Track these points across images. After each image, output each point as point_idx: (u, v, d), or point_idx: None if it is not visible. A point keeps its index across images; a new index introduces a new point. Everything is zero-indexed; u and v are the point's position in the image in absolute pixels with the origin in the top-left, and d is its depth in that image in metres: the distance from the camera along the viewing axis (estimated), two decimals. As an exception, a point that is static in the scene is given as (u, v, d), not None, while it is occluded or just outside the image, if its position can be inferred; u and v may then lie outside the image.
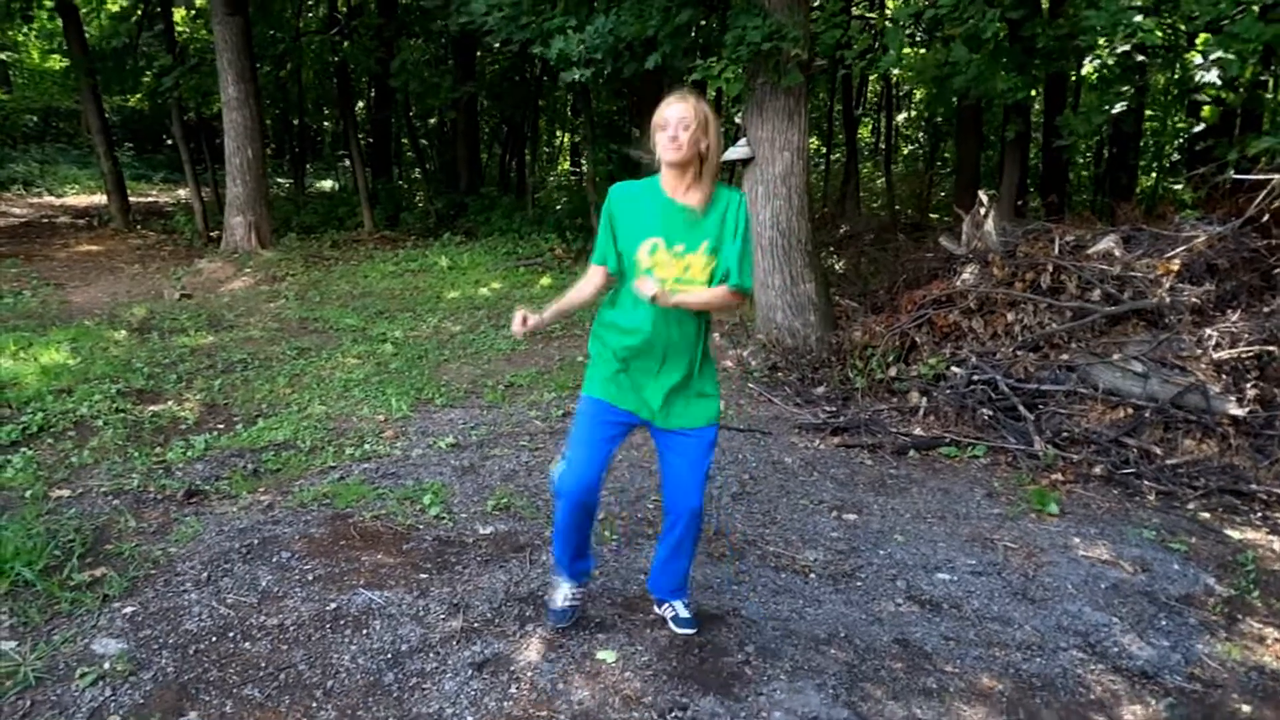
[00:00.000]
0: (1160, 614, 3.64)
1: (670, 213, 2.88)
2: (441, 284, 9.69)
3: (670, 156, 2.80)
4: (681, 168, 2.84)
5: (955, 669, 3.13)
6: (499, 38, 8.12)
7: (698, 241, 2.86)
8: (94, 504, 4.24)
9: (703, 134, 2.82)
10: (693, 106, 2.81)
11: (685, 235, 2.86)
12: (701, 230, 2.87)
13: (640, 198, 2.95)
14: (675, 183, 2.88)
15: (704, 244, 2.86)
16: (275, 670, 2.93)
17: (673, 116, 2.79)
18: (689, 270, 2.86)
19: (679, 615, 3.24)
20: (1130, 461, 5.26)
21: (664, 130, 2.80)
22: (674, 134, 2.78)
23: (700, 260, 2.86)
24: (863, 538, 4.20)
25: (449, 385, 6.36)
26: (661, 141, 2.81)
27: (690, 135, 2.79)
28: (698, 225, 2.87)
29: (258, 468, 4.77)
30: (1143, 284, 6.12)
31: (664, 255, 2.86)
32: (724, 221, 2.88)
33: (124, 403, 5.74)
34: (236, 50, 11.05)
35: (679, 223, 2.87)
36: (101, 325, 7.91)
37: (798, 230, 7.10)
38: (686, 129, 2.79)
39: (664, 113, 2.81)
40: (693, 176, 2.87)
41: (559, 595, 3.26)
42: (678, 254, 2.86)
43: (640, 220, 2.91)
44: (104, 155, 13.70)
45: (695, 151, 2.82)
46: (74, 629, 3.14)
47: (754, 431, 5.62)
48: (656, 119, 2.83)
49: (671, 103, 2.82)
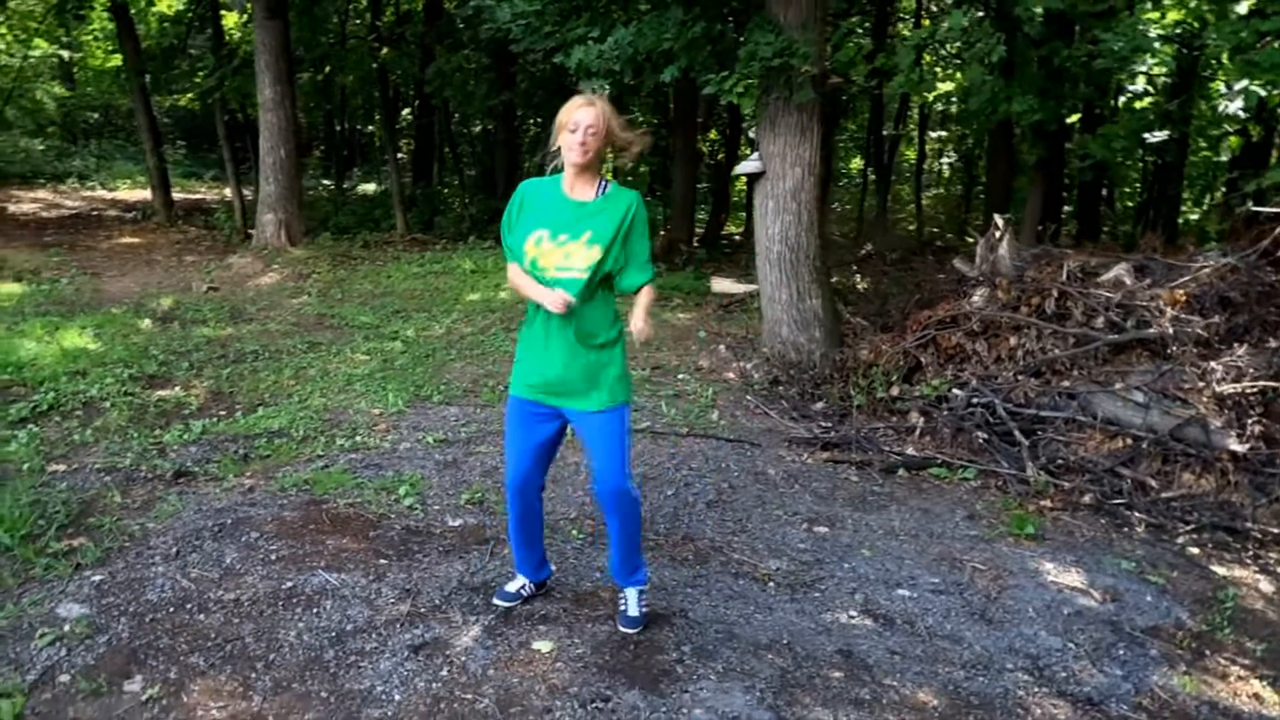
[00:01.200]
0: (1120, 643, 3.60)
1: (562, 207, 3.01)
2: (462, 286, 9.83)
3: (576, 159, 2.92)
4: (585, 170, 2.97)
5: (894, 682, 3.13)
6: (522, 46, 8.24)
7: (580, 231, 2.97)
8: (86, 479, 4.39)
9: (606, 138, 2.94)
10: (600, 112, 2.90)
11: (570, 226, 2.98)
12: (587, 222, 2.98)
13: (541, 194, 3.07)
14: (574, 181, 3.01)
15: (586, 234, 2.96)
16: (223, 641, 3.02)
17: (582, 121, 2.89)
18: (569, 258, 2.97)
19: (626, 611, 3.31)
20: (1123, 492, 5.19)
21: (573, 133, 2.90)
22: (582, 139, 2.89)
23: (579, 249, 2.96)
24: (829, 550, 4.21)
25: (449, 384, 6.46)
26: (568, 143, 2.92)
27: (596, 141, 2.90)
28: (584, 217, 2.98)
29: (248, 453, 4.90)
30: (1149, 313, 6.05)
31: (547, 245, 2.97)
32: (607, 215, 2.99)
33: (134, 386, 5.92)
34: (275, 53, 11.34)
35: (567, 215, 2.99)
36: (127, 313, 8.15)
37: (805, 246, 7.11)
38: (594, 135, 2.89)
39: (574, 115, 2.90)
40: (589, 177, 3.01)
41: (513, 583, 3.42)
42: (560, 243, 2.96)
43: (535, 214, 3.03)
44: (150, 152, 14.12)
45: (597, 156, 2.96)
46: (43, 593, 3.27)
47: (742, 442, 5.64)
48: (564, 118, 2.92)
49: (580, 106, 2.91)
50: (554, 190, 3.05)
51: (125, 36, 13.76)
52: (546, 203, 3.04)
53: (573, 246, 2.96)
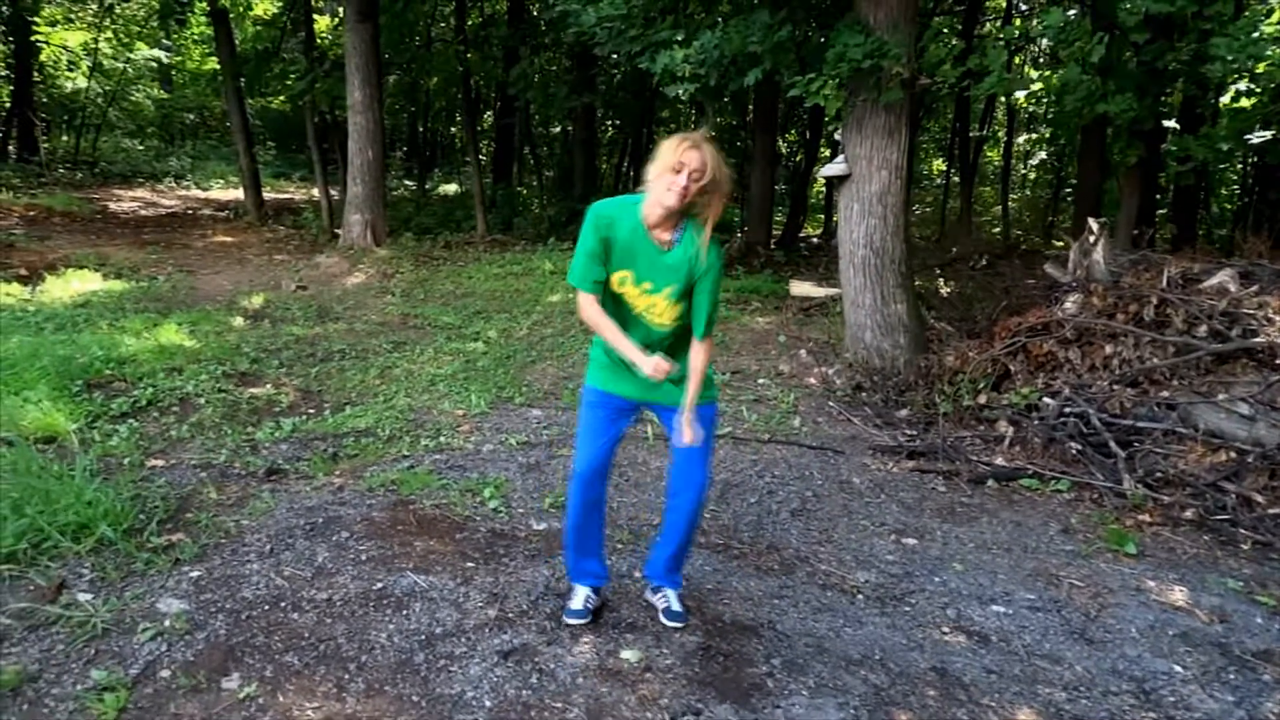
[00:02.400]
0: (1230, 667, 3.43)
1: (645, 250, 2.88)
2: (542, 288, 9.90)
3: (671, 202, 2.75)
4: (675, 215, 2.83)
5: (991, 702, 3.03)
6: (606, 50, 8.26)
7: (663, 284, 2.90)
8: (183, 475, 4.52)
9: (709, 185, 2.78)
10: (711, 156, 2.75)
11: (652, 273, 2.89)
12: (668, 272, 2.88)
13: (621, 222, 2.88)
14: (659, 220, 2.84)
15: (668, 289, 2.90)
16: (316, 641, 3.07)
17: (689, 163, 2.72)
18: (652, 309, 2.93)
19: (670, 607, 3.27)
20: (1227, 507, 4.96)
21: (678, 174, 2.73)
22: (685, 184, 2.73)
23: (663, 303, 2.92)
24: (919, 563, 4.11)
25: (531, 385, 6.50)
26: (668, 183, 2.74)
27: (698, 188, 2.75)
28: (665, 265, 2.88)
29: (337, 451, 4.99)
30: (1255, 322, 5.78)
31: (631, 288, 2.91)
32: (692, 266, 2.88)
33: (227, 384, 6.09)
34: (364, 56, 11.58)
35: (648, 260, 2.89)
36: (220, 311, 8.40)
37: (891, 250, 6.98)
38: (697, 181, 2.74)
39: (680, 155, 2.72)
40: (677, 219, 2.87)
41: (576, 600, 3.32)
42: (646, 291, 2.91)
43: (618, 250, 2.89)
44: (243, 152, 14.57)
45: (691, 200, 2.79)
46: (144, 587, 3.36)
47: (825, 449, 5.55)
48: (670, 157, 2.74)
49: (689, 149, 2.73)
50: (635, 222, 2.87)
51: (222, 40, 14.21)
52: (630, 239, 2.88)
53: (657, 300, 2.92)
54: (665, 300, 2.92)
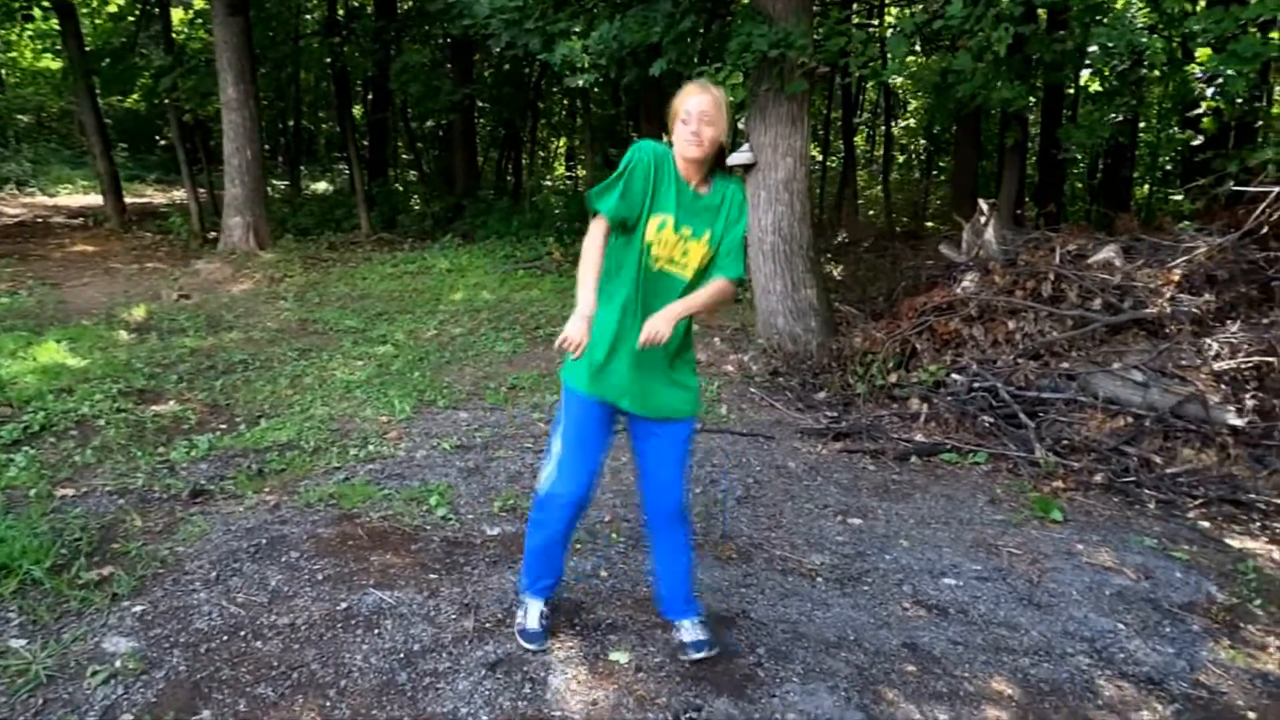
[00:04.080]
0: (1164, 621, 3.66)
1: (684, 195, 2.80)
2: (441, 286, 9.69)
3: (692, 153, 2.72)
4: (699, 163, 2.78)
5: (965, 673, 3.15)
6: (501, 42, 8.10)
7: (702, 230, 2.81)
8: (99, 503, 4.22)
9: (725, 130, 2.76)
10: (713, 99, 2.72)
11: (693, 220, 2.80)
12: (706, 218, 2.82)
13: (662, 166, 2.79)
14: (689, 171, 2.80)
15: (707, 234, 2.81)
16: (288, 669, 2.92)
17: (695, 109, 2.69)
18: (686, 254, 2.81)
19: (696, 638, 3.01)
20: (1130, 470, 5.29)
21: (686, 124, 2.70)
22: (696, 129, 2.69)
23: (700, 249, 2.81)
24: (868, 542, 4.22)
25: (451, 387, 6.36)
26: (683, 135, 2.71)
27: (712, 132, 2.72)
28: (704, 212, 2.82)
29: (262, 468, 4.76)
30: (1143, 294, 6.17)
31: (669, 234, 2.78)
32: (723, 211, 2.84)
33: (125, 402, 5.72)
34: (236, 51, 11.03)
35: (690, 206, 2.80)
36: (100, 325, 7.88)
37: (799, 236, 7.13)
38: (709, 124, 2.71)
39: (686, 103, 2.71)
40: (705, 167, 2.83)
41: (532, 616, 3.11)
42: (685, 237, 2.79)
43: (658, 191, 2.78)
44: (100, 156, 13.65)
45: (715, 147, 2.77)
46: (84, 627, 3.13)
47: (756, 435, 5.64)
48: (678, 107, 2.73)
49: (694, 93, 2.72)
50: (674, 172, 2.80)
51: (68, 36, 13.27)
52: (669, 185, 2.79)
53: (693, 245, 2.80)
54: (705, 246, 2.81)
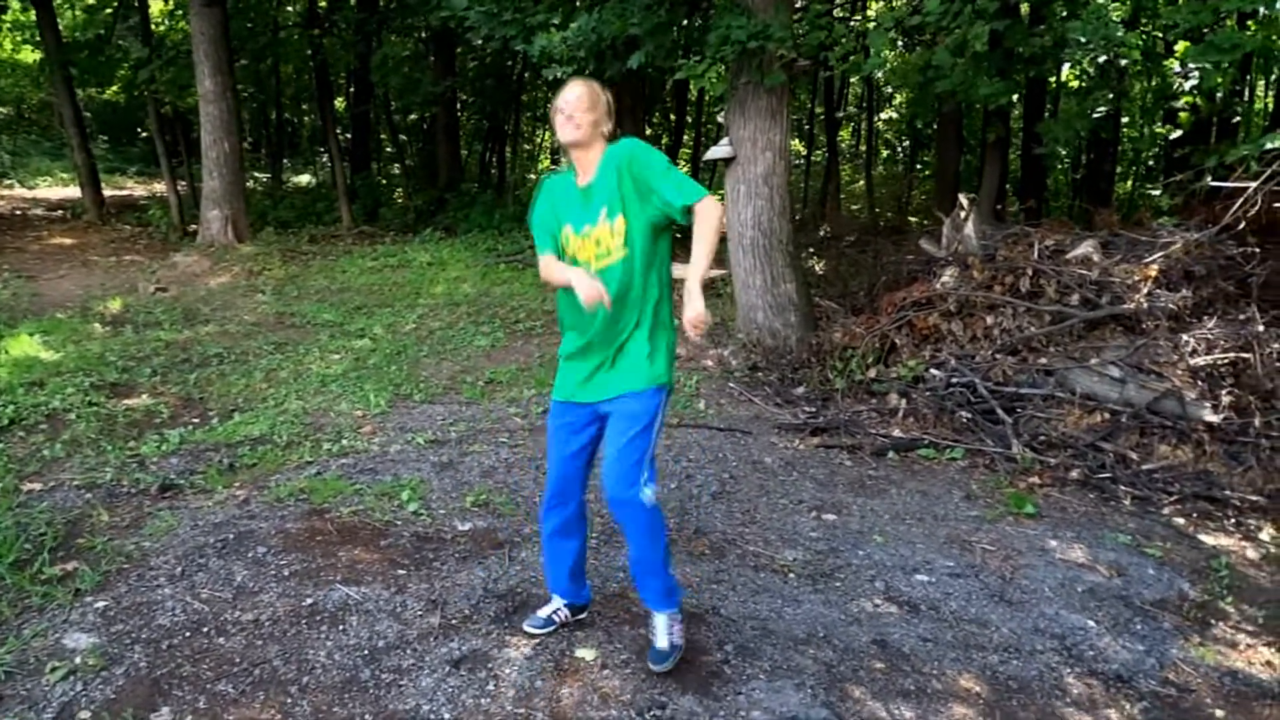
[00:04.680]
0: (1135, 618, 3.66)
1: (571, 196, 2.92)
2: (421, 280, 9.63)
3: (567, 136, 2.82)
4: (581, 148, 2.85)
5: (933, 670, 3.13)
6: (480, 34, 8.05)
7: (595, 213, 2.85)
8: (66, 497, 4.17)
9: (604, 118, 2.85)
10: (588, 89, 2.84)
11: (587, 212, 2.86)
12: (596, 200, 2.85)
13: (557, 186, 2.98)
14: (581, 163, 2.89)
15: (602, 211, 2.83)
16: (250, 666, 2.89)
17: (570, 98, 2.81)
18: (600, 244, 2.84)
19: (654, 645, 2.97)
20: (1106, 466, 5.29)
21: (560, 113, 2.82)
22: (569, 114, 2.79)
23: (604, 229, 2.84)
24: (842, 538, 4.21)
25: (428, 381, 6.32)
26: (559, 125, 2.84)
27: (590, 117, 2.80)
28: (591, 199, 2.86)
29: (233, 462, 4.71)
30: (1121, 289, 6.17)
31: (574, 240, 2.88)
32: (618, 178, 2.81)
33: (97, 396, 5.66)
34: (213, 42, 10.92)
35: (577, 203, 2.89)
36: (74, 318, 7.81)
37: (779, 230, 7.11)
38: (585, 110, 2.80)
39: (563, 96, 2.83)
40: (594, 158, 2.87)
41: (548, 607, 3.19)
42: (585, 234, 2.86)
43: (557, 210, 2.94)
44: (78, 148, 13.52)
45: (596, 134, 2.83)
46: (45, 623, 3.09)
47: (734, 431, 5.62)
48: (556, 101, 2.86)
49: (570, 86, 2.85)
50: (568, 181, 2.95)
51: (45, 27, 13.12)
52: (562, 195, 2.95)
53: (599, 231, 2.83)
54: (605, 225, 2.83)
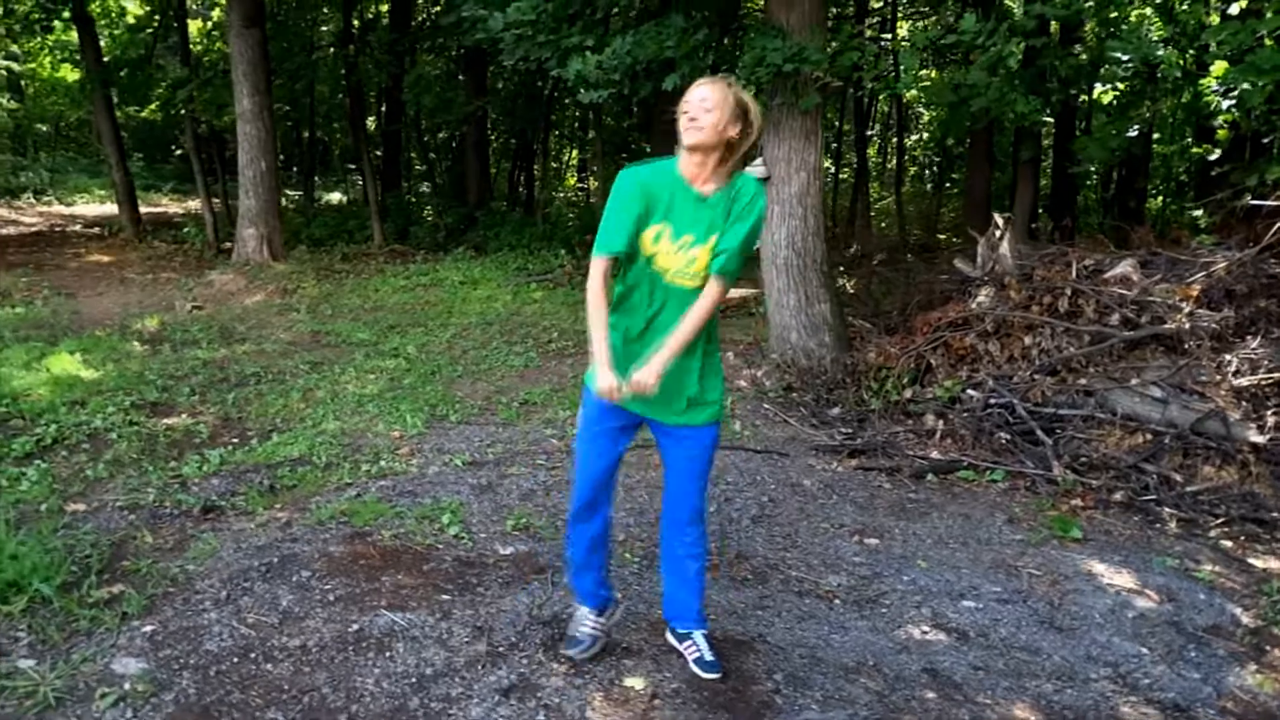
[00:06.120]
0: (1189, 645, 3.59)
1: (682, 198, 2.71)
2: (453, 299, 9.68)
3: (688, 139, 2.64)
4: (700, 152, 2.66)
5: (987, 699, 3.09)
6: (514, 56, 8.08)
7: (706, 233, 2.69)
8: (110, 519, 4.21)
9: (731, 121, 2.64)
10: (719, 88, 2.65)
11: (693, 225, 2.70)
12: (710, 220, 2.70)
13: (652, 179, 2.75)
14: (693, 170, 2.71)
15: (713, 237, 2.69)
16: (299, 693, 2.89)
17: (694, 97, 2.65)
18: (693, 265, 2.71)
19: (702, 656, 3.02)
20: (1150, 488, 5.22)
21: (684, 112, 2.66)
22: (693, 115, 2.62)
23: (704, 251, 2.70)
24: (885, 563, 4.16)
25: (463, 402, 6.33)
26: (682, 123, 2.67)
27: (712, 118, 2.61)
28: (706, 214, 2.70)
29: (273, 484, 4.74)
30: (1162, 309, 6.10)
31: (667, 244, 2.71)
32: (732, 209, 2.70)
33: (138, 415, 5.72)
34: (252, 63, 11.08)
35: (688, 210, 2.71)
36: (113, 336, 7.90)
37: (813, 250, 7.09)
38: (707, 110, 2.61)
39: (688, 94, 2.68)
40: (714, 164, 2.70)
41: (581, 624, 3.17)
42: (684, 246, 2.70)
43: (650, 204, 2.72)
44: (116, 166, 13.73)
45: (717, 137, 2.64)
46: (93, 648, 3.10)
47: (771, 452, 5.59)
48: (681, 101, 2.70)
49: (698, 84, 2.68)
50: (672, 175, 2.73)
51: (87, 47, 13.36)
52: (665, 191, 2.72)
53: (698, 252, 2.69)
54: (707, 251, 2.69)
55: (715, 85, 2.66)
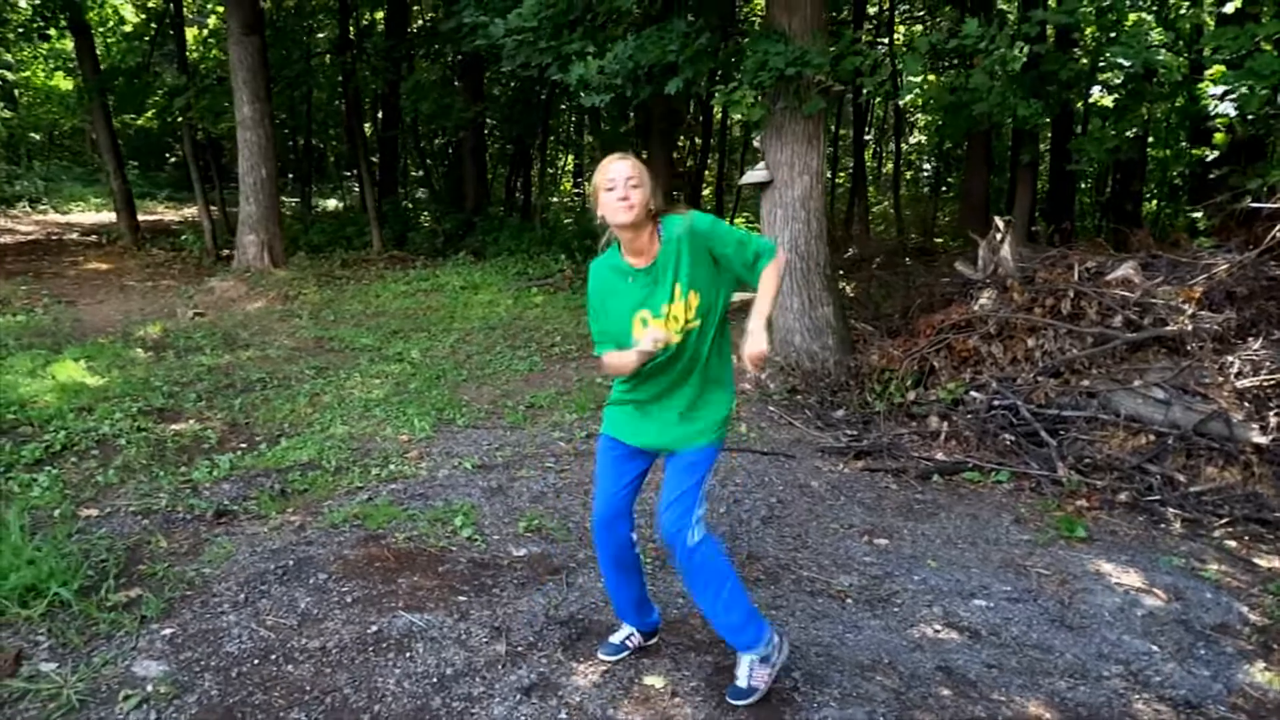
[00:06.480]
0: (1198, 643, 3.63)
1: (634, 284, 2.80)
2: (455, 304, 9.70)
3: (623, 219, 2.67)
4: (636, 228, 2.71)
5: (1001, 697, 3.12)
6: (515, 62, 8.12)
7: (669, 291, 2.76)
8: (123, 524, 4.22)
9: (650, 190, 2.71)
10: (632, 162, 2.72)
11: (657, 294, 2.77)
12: (665, 281, 2.76)
13: (611, 275, 2.85)
14: (635, 244, 2.77)
15: (675, 289, 2.75)
16: (321, 694, 2.91)
17: (620, 175, 2.67)
18: (676, 319, 2.77)
19: (735, 682, 2.94)
20: (1154, 488, 5.25)
21: (611, 190, 2.67)
22: (624, 194, 2.65)
23: (680, 306, 2.76)
24: (895, 563, 4.19)
25: (469, 406, 6.35)
26: (608, 203, 2.68)
27: (640, 194, 2.66)
28: (661, 279, 2.76)
29: (284, 488, 4.75)
30: (1164, 311, 6.14)
31: (654, 321, 2.77)
32: (678, 254, 2.74)
33: (145, 421, 5.73)
34: (252, 70, 11.09)
35: (643, 289, 2.79)
36: (116, 344, 7.90)
37: (816, 254, 7.13)
38: (636, 187, 2.66)
39: (608, 171, 2.69)
40: (648, 235, 2.76)
41: (620, 633, 3.21)
42: (664, 314, 2.76)
43: (620, 299, 2.83)
44: (113, 173, 13.73)
45: (646, 208, 2.69)
46: (114, 650, 3.12)
47: (777, 454, 5.62)
48: (599, 179, 2.72)
49: (615, 160, 2.72)
50: (621, 268, 2.82)
51: (84, 55, 13.36)
52: (621, 287, 2.82)
53: (675, 308, 2.76)
54: (680, 302, 2.76)
55: (628, 161, 2.72)
